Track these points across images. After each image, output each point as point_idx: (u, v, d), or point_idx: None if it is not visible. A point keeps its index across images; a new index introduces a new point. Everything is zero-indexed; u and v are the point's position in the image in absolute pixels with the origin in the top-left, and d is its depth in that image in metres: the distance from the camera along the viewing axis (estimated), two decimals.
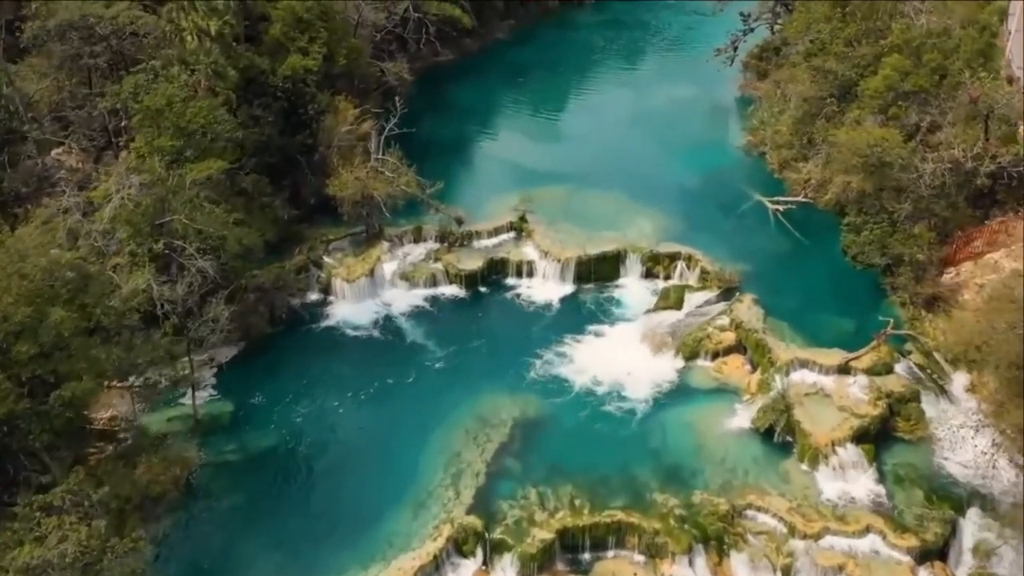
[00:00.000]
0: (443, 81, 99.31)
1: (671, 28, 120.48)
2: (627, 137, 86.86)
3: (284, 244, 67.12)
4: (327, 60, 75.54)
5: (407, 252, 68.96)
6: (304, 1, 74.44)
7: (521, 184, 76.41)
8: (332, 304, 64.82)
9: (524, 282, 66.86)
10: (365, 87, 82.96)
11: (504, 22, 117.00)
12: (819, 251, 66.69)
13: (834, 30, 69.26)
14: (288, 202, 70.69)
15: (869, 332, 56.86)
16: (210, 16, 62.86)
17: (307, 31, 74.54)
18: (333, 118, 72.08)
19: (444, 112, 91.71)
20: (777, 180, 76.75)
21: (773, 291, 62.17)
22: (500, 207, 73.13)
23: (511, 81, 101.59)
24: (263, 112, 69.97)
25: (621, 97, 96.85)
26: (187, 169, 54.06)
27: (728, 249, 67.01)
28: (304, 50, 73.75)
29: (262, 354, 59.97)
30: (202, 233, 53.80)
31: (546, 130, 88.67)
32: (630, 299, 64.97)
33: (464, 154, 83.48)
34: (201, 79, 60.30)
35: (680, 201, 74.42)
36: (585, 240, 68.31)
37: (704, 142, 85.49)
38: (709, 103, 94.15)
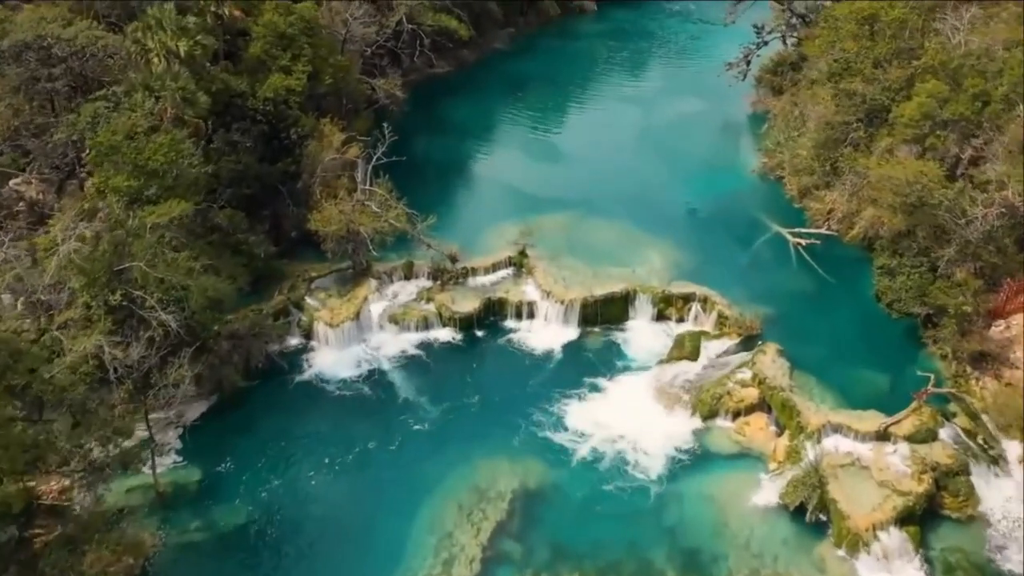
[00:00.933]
0: (438, 96, 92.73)
1: (677, 38, 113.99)
2: (633, 157, 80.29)
3: (263, 282, 60.52)
4: (312, 79, 69.02)
5: (397, 291, 62.35)
6: (287, 16, 67.73)
7: (521, 212, 69.79)
8: (314, 351, 58.26)
9: (524, 325, 60.29)
10: (354, 106, 76.36)
11: (503, 31, 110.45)
12: (847, 292, 60.15)
13: (862, 49, 62.44)
14: (268, 234, 64.16)
15: (907, 390, 50.50)
16: (179, 36, 56.21)
17: (290, 48, 68.01)
18: (317, 143, 65.52)
19: (438, 131, 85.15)
20: (797, 209, 70.21)
21: (798, 339, 55.61)
22: (498, 239, 66.53)
23: (510, 95, 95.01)
24: (241, 137, 63.42)
25: (626, 113, 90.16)
26: (147, 212, 47.31)
27: (747, 288, 60.47)
28: (287, 69, 67.20)
29: (235, 410, 53.44)
30: (164, 283, 47.15)
31: (547, 150, 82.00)
32: (640, 345, 58.40)
33: (459, 178, 76.82)
34: (167, 107, 53.61)
35: (692, 231, 67.90)
36: (590, 277, 61.73)
37: (716, 164, 78.93)
38: (719, 120, 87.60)
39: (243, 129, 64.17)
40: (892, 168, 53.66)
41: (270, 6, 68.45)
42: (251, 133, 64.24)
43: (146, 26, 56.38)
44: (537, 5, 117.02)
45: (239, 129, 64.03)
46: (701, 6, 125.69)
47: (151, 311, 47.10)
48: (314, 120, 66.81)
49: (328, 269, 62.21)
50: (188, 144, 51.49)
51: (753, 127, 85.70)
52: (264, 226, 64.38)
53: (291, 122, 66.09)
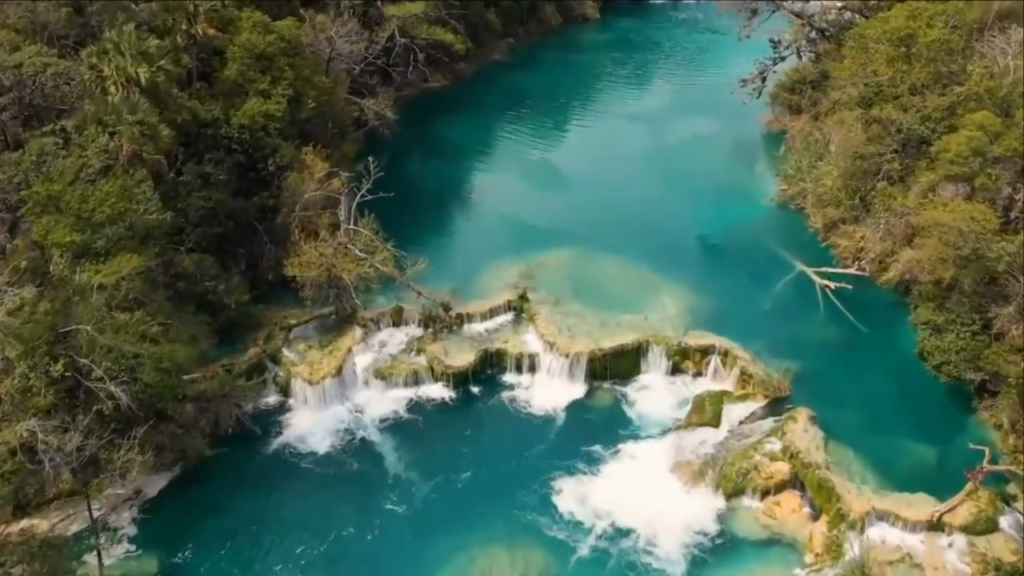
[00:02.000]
0: (433, 113, 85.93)
1: (684, 49, 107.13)
2: (641, 182, 73.59)
3: (237, 331, 53.90)
4: (293, 103, 62.23)
5: (384, 340, 55.60)
6: (266, 35, 60.88)
7: (521, 247, 63.08)
8: (291, 411, 51.57)
9: (525, 379, 53.58)
10: (341, 130, 69.53)
11: (502, 41, 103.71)
12: (883, 344, 53.46)
13: (898, 74, 55.57)
14: (245, 274, 57.59)
15: (958, 466, 43.87)
16: (139, 62, 49.33)
17: (269, 70, 61.26)
18: (298, 175, 58.72)
19: (432, 152, 78.51)
20: (821, 244, 63.33)
21: (832, 402, 48.93)
22: (496, 280, 59.81)
23: (508, 112, 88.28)
24: (214, 169, 56.78)
25: (632, 132, 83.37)
26: (93, 270, 40.54)
27: (770, 339, 53.78)
28: (265, 93, 60.44)
29: (200, 483, 46.72)
30: (114, 351, 40.42)
31: (549, 174, 75.14)
32: (654, 405, 51.69)
33: (453, 208, 70.01)
34: (123, 143, 46.73)
35: (708, 270, 61.15)
36: (598, 325, 55.02)
37: (730, 190, 72.17)
38: (732, 140, 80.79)
39: (216, 160, 57.59)
40: (939, 212, 46.82)
41: (247, 24, 61.68)
42: (225, 164, 57.65)
43: (102, 51, 49.52)
44: (538, 14, 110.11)
45: (212, 160, 57.45)
46: (709, 14, 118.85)
47: (99, 383, 40.45)
48: (294, 149, 59.98)
49: (308, 316, 55.43)
50: (144, 188, 44.62)
51: (769, 148, 78.94)
52: (239, 266, 57.81)
53: (269, 151, 59.42)
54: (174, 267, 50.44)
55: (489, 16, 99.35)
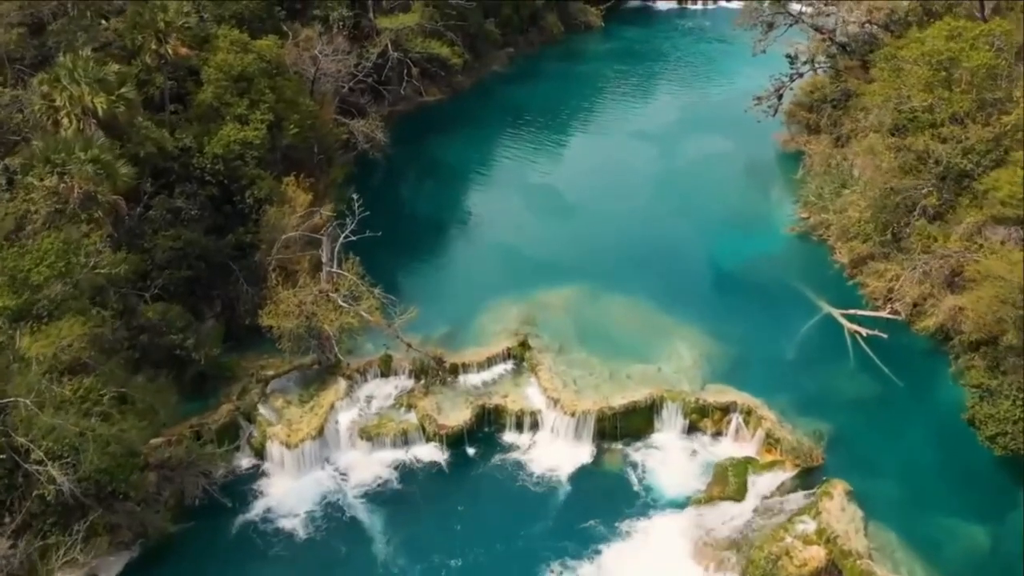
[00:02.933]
0: (428, 130, 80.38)
1: (692, 60, 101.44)
2: (650, 210, 67.83)
3: (209, 384, 48.31)
4: (274, 128, 56.48)
5: (371, 392, 50.00)
6: (244, 55, 55.14)
7: (521, 285, 57.49)
8: (266, 477, 45.95)
9: (525, 439, 47.99)
10: (327, 155, 63.73)
11: (502, 51, 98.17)
12: (921, 401, 47.90)
13: (937, 101, 49.83)
14: (219, 317, 52.11)
15: (1017, 553, 38.08)
16: (96, 90, 43.57)
17: (247, 93, 55.57)
18: (278, 209, 52.96)
19: (425, 175, 73.00)
20: (848, 282, 57.59)
21: (869, 472, 43.36)
22: (494, 322, 54.23)
23: (508, 129, 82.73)
24: (186, 203, 51.37)
25: (639, 152, 77.63)
26: (30, 338, 34.85)
27: (797, 394, 48.17)
28: (243, 118, 54.86)
29: (163, 564, 41.22)
30: (56, 430, 34.76)
31: (550, 200, 69.39)
32: (670, 470, 46.06)
33: (448, 240, 64.24)
34: (75, 184, 41.00)
35: (725, 311, 55.33)
36: (606, 378, 49.48)
37: (746, 218, 66.48)
38: (746, 161, 75.08)
39: (188, 193, 52.15)
40: (994, 262, 41.14)
41: (224, 43, 55.93)
42: (198, 198, 52.19)
43: (54, 78, 43.75)
44: (539, 23, 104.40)
45: (183, 193, 51.88)
46: (716, 22, 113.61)
47: (39, 465, 34.83)
48: (275, 180, 54.25)
49: (288, 366, 49.80)
50: (94, 239, 38.79)
51: (785, 170, 73.22)
52: (213, 309, 52.31)
53: (247, 183, 53.87)
54: (136, 319, 44.78)
55: (488, 26, 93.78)
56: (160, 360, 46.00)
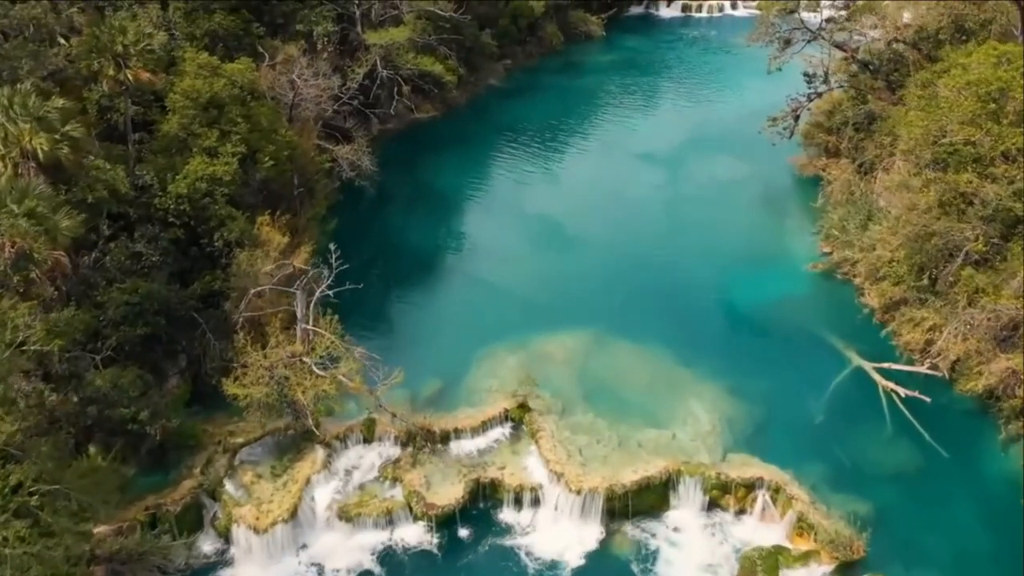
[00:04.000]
0: (419, 151, 74.65)
1: (697, 72, 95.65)
2: (658, 242, 62.13)
3: (170, 455, 42.51)
4: (247, 162, 50.55)
5: (353, 462, 44.22)
6: (214, 80, 49.19)
7: (518, 332, 51.85)
8: (232, 565, 40.07)
9: (525, 518, 42.19)
10: (308, 186, 57.80)
11: (499, 64, 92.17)
12: (969, 475, 42.27)
13: (985, 136, 43.96)
14: (184, 374, 46.41)
15: None
16: (36, 130, 37.63)
17: (218, 123, 49.60)
18: (249, 254, 47.01)
19: (415, 203, 67.20)
20: (878, 328, 51.80)
21: (917, 565, 37.53)
22: (490, 377, 48.60)
23: (504, 149, 77.06)
24: (147, 248, 45.47)
25: (645, 176, 71.79)
26: None
27: (829, 466, 42.58)
28: (212, 151, 48.97)
29: None
30: None
31: (550, 233, 63.46)
32: (688, 556, 40.29)
33: (436, 280, 58.23)
34: (6, 241, 35.07)
35: (745, 363, 49.53)
36: (615, 447, 43.87)
37: (764, 252, 60.71)
38: (761, 187, 69.31)
39: (150, 236, 46.30)
40: None
41: (191, 67, 49.92)
42: (160, 242, 46.21)
43: None
44: (538, 33, 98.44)
45: (144, 236, 46.00)
46: (722, 31, 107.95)
47: None
48: (247, 220, 48.31)
49: (259, 431, 43.90)
50: (20, 311, 32.81)
51: (803, 197, 67.29)
52: (176, 365, 46.66)
53: (215, 224, 47.98)
54: (83, 390, 38.90)
55: (484, 38, 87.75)
56: (114, 428, 40.24)
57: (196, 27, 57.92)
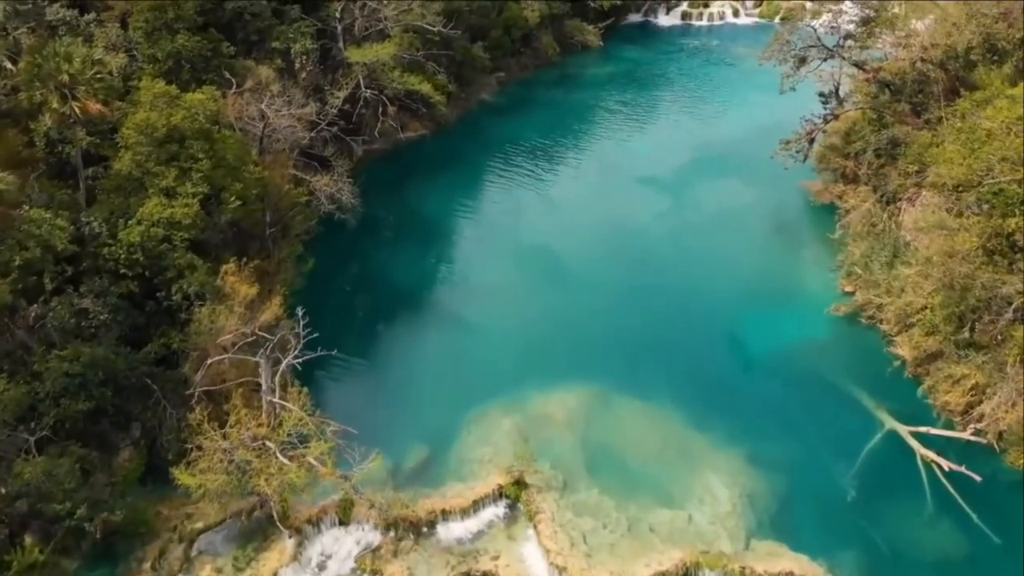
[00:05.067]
0: (405, 175, 69.38)
1: (699, 86, 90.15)
2: (665, 280, 56.64)
3: (119, 544, 36.90)
4: (211, 202, 44.82)
5: (326, 551, 38.66)
6: (171, 113, 43.40)
7: (513, 387, 46.61)
8: None
9: None
10: (282, 223, 52.02)
11: (491, 77, 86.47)
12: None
13: None
14: (138, 444, 40.81)
15: None
16: None
17: (177, 160, 43.74)
18: (210, 310, 41.27)
19: (398, 236, 61.73)
20: (911, 383, 46.31)
21: None
22: (482, 444, 43.20)
23: (497, 172, 71.96)
24: (95, 304, 39.66)
25: (647, 203, 66.25)
26: None
27: (865, 554, 37.43)
28: (170, 191, 43.08)
29: None
30: None
31: (546, 268, 58.00)
32: None
33: (422, 327, 52.34)
34: None
35: (765, 425, 44.18)
36: (624, 531, 38.67)
37: (779, 291, 55.25)
38: (772, 214, 63.94)
39: (98, 291, 40.42)
40: None
41: (146, 96, 44.11)
42: (109, 298, 40.37)
43: None
44: (532, 44, 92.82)
45: (92, 291, 40.21)
46: (724, 40, 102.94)
47: None
48: (209, 270, 42.52)
49: (221, 513, 38.25)
50: None
51: (819, 226, 61.73)
52: (128, 437, 41.03)
53: (174, 274, 42.12)
54: (11, 483, 33.19)
55: (475, 51, 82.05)
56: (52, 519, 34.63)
57: (158, 48, 52.02)
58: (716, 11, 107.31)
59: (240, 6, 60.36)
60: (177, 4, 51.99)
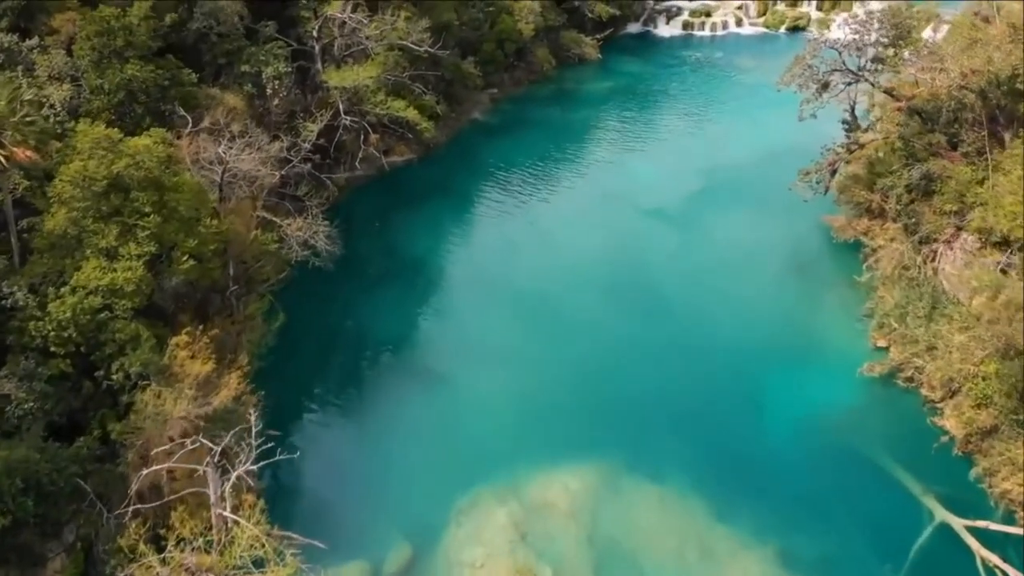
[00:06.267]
0: (390, 206, 63.86)
1: (704, 103, 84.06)
2: (676, 332, 50.55)
3: None
4: (161, 262, 38.49)
5: None
6: (113, 161, 37.06)
7: (507, 467, 40.97)
8: None
9: None
10: (247, 276, 45.68)
11: (483, 93, 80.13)
12: None
13: None
14: (71, 550, 34.44)
15: None
16: None
17: (120, 213, 37.41)
18: (154, 396, 34.95)
19: (380, 281, 55.91)
20: (962, 463, 40.21)
21: None
22: (472, 543, 37.60)
23: (488, 201, 66.35)
24: (20, 391, 33.36)
25: (653, 237, 60.28)
26: None
27: None
28: (111, 252, 36.67)
29: None
30: None
31: (543, 318, 51.71)
32: None
33: (403, 398, 45.67)
34: None
35: (795, 513, 38.32)
36: None
37: (803, 344, 49.28)
38: (791, 253, 57.81)
39: (23, 374, 34.08)
40: None
41: (84, 142, 37.72)
42: (37, 382, 34.03)
43: None
44: (527, 57, 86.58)
45: (16, 374, 33.90)
46: (728, 52, 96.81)
47: None
48: (150, 349, 36.15)
49: None
50: None
51: (843, 267, 55.58)
52: (62, 542, 34.68)
53: (114, 350, 35.77)
54: None
55: (466, 67, 75.72)
56: None
57: (107, 79, 45.64)
58: (719, 21, 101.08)
59: (206, 26, 54.03)
60: (128, 28, 45.47)
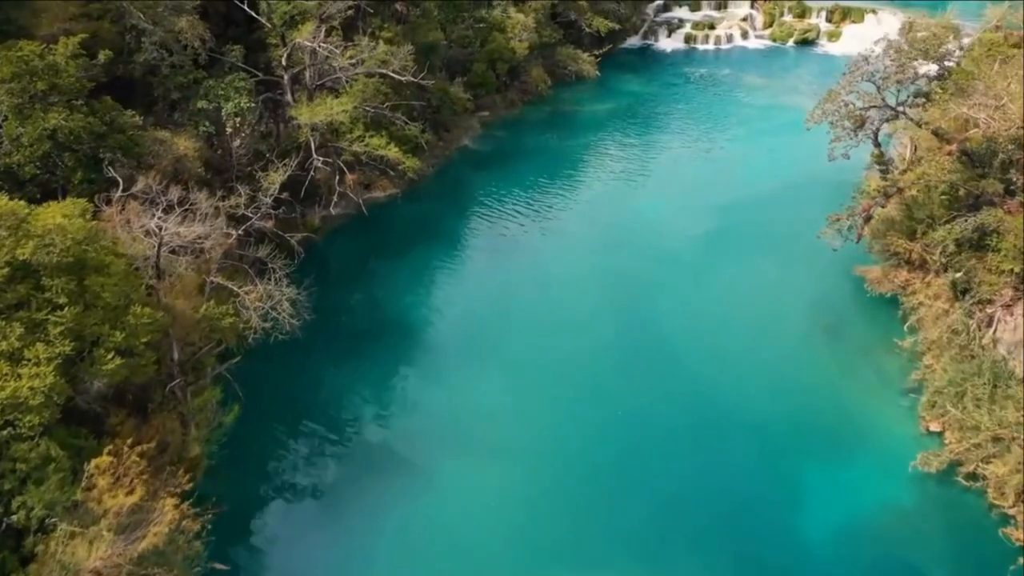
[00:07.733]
0: (370, 248, 57.92)
1: (711, 126, 77.16)
2: (691, 410, 43.61)
3: None
4: (80, 362, 31.20)
5: None
6: (22, 239, 29.84)
7: None
8: None
9: None
10: (194, 361, 38.39)
11: (473, 117, 72.94)
12: None
13: None
14: None
15: None
16: None
17: (26, 305, 30.14)
18: (64, 536, 27.70)
19: (354, 348, 48.72)
20: None
21: None
22: None
23: (478, 241, 59.99)
24: None
25: (664, 288, 53.35)
26: None
27: None
28: (13, 355, 29.43)
29: None
30: None
31: (537, 395, 44.43)
32: None
33: (369, 521, 38.21)
34: None
35: None
36: None
37: (840, 428, 42.37)
38: (820, 308, 51.25)
39: None
40: None
41: None
42: None
43: None
44: (521, 77, 79.37)
45: None
46: (734, 68, 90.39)
47: None
48: (62, 480, 28.91)
49: None
50: None
51: (882, 328, 48.76)
52: None
53: (14, 482, 28.59)
54: None
55: (455, 92, 68.48)
56: None
57: (31, 126, 38.33)
58: (723, 34, 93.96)
59: (154, 58, 46.73)
60: (52, 68, 38.12)
